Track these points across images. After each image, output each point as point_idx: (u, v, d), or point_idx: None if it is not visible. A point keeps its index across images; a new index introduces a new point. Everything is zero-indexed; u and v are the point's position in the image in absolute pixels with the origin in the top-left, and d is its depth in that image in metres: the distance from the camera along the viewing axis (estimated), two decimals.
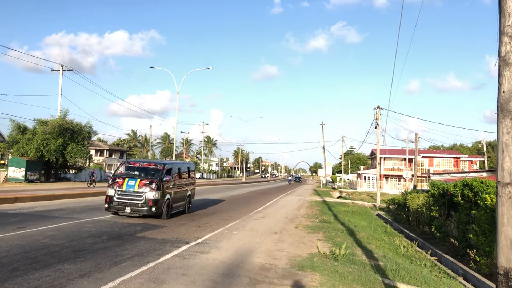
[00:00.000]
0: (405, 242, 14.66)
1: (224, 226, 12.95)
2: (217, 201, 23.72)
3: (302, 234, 12.34)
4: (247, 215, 16.82)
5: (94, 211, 14.94)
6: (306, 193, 41.16)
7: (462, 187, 12.83)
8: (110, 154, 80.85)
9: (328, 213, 21.12)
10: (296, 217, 17.58)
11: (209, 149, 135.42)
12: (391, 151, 64.92)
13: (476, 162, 69.50)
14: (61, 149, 39.42)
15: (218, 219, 14.85)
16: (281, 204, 24.87)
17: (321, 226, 14.79)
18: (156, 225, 12.22)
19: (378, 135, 30.26)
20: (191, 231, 11.49)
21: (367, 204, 32.12)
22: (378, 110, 30.01)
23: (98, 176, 56.38)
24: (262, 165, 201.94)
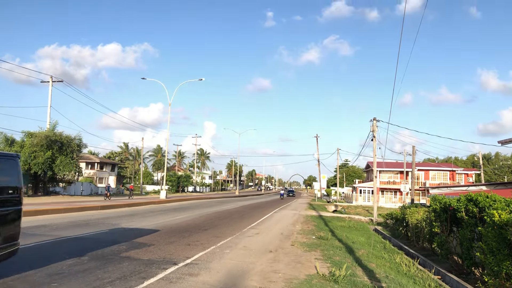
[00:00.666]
0: (406, 259, 13.97)
1: (215, 244, 12.20)
2: (209, 216, 22.91)
3: (298, 253, 11.62)
4: (241, 231, 16.07)
5: (79, 228, 14.13)
6: (301, 207, 40.41)
7: (466, 201, 12.21)
8: (101, 167, 79.72)
9: (324, 228, 20.41)
10: (291, 233, 16.85)
11: (202, 162, 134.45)
12: (387, 164, 64.50)
13: (471, 175, 69.26)
14: (49, 162, 38.48)
15: (210, 236, 14.10)
16: (275, 219, 24.12)
17: (318, 243, 14.08)
18: (143, 243, 11.45)
19: (374, 148, 29.71)
20: (180, 250, 10.73)
21: (363, 219, 31.42)
22: (375, 122, 29.50)
23: (88, 190, 55.51)
24: (255, 178, 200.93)
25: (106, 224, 15.83)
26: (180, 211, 25.12)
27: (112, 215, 19.80)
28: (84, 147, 45.07)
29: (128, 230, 14.09)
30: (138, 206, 27.80)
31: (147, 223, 17.12)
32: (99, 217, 18.39)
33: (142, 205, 28.57)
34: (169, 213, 23.46)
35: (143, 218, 19.39)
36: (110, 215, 20.04)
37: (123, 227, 14.89)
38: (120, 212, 21.87)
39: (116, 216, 19.38)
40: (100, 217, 18.43)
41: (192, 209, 27.64)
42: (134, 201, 31.53)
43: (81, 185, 54.14)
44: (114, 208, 24.16)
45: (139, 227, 15.24)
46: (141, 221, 17.64)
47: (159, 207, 28.11)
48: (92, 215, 19.47)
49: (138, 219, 18.52)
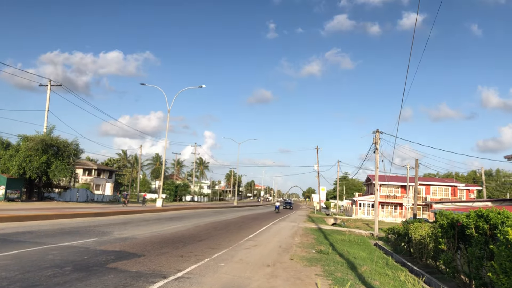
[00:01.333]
0: (411, 278, 13.26)
1: (210, 256, 11.49)
2: (205, 226, 22.18)
3: (298, 268, 10.92)
4: (237, 243, 15.36)
5: (67, 235, 13.43)
6: (300, 219, 39.63)
7: (476, 218, 11.54)
8: (99, 174, 78.92)
9: (324, 242, 19.68)
10: (290, 246, 16.13)
11: (201, 171, 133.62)
12: (387, 177, 63.72)
13: (473, 191, 68.49)
14: (45, 167, 37.79)
15: (205, 247, 13.39)
16: (274, 231, 23.39)
17: (318, 257, 13.38)
18: (133, 253, 10.75)
19: (377, 160, 29.05)
20: (171, 261, 10.03)
21: (364, 233, 30.66)
22: (377, 134, 28.91)
23: (84, 196, 54.71)
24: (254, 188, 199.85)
25: (97, 232, 15.13)
26: (175, 221, 24.39)
27: (104, 223, 19.08)
28: (81, 152, 44.42)
29: (119, 239, 13.39)
30: (132, 214, 27.07)
31: (140, 232, 16.41)
32: (91, 225, 17.68)
33: (137, 213, 27.83)
34: (164, 222, 22.73)
35: (136, 226, 18.67)
36: (102, 222, 19.33)
37: (114, 236, 14.18)
38: (113, 220, 21.15)
39: (108, 224, 18.67)
40: (92, 225, 17.72)
41: (189, 219, 26.90)
42: (128, 209, 30.79)
43: (77, 192, 53.37)
44: (107, 216, 23.44)
45: (131, 236, 14.53)
46: (134, 230, 16.93)
47: (155, 216, 27.36)
48: (84, 222, 18.76)
49: (131, 228, 17.80)
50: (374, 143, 29.10)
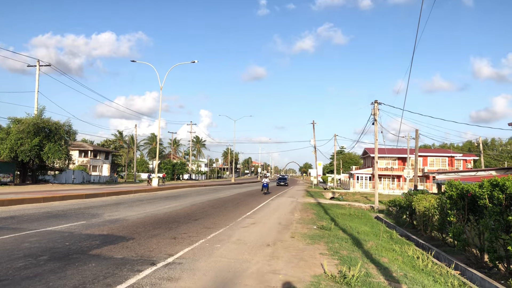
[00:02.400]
0: (418, 252, 12.57)
1: (205, 236, 10.70)
2: (202, 205, 21.43)
3: (300, 246, 10.15)
4: (235, 221, 14.60)
5: (53, 219, 12.59)
6: (298, 195, 39.03)
7: (490, 187, 10.74)
8: (95, 155, 77.87)
9: (325, 217, 18.99)
10: (290, 222, 15.39)
11: (198, 150, 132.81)
12: (384, 150, 63.11)
13: (470, 161, 68.11)
14: (37, 150, 36.76)
15: (200, 227, 12.60)
16: (272, 207, 22.69)
17: (320, 234, 12.63)
18: (121, 236, 9.94)
19: (376, 132, 28.19)
20: (163, 244, 9.23)
21: (364, 206, 30.08)
22: (376, 105, 27.97)
23: (80, 178, 53.94)
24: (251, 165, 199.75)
25: (86, 214, 14.30)
26: (171, 200, 23.63)
27: (96, 204, 18.27)
28: (74, 133, 43.27)
29: (109, 222, 12.57)
30: (126, 194, 26.27)
31: (133, 212, 15.61)
32: (81, 207, 16.86)
33: (131, 193, 27.03)
34: (159, 201, 21.96)
35: (129, 207, 17.87)
36: (94, 204, 18.52)
37: (104, 218, 13.36)
38: (106, 201, 20.34)
39: (100, 206, 17.85)
40: (82, 207, 16.90)
41: (185, 197, 26.16)
42: (122, 189, 29.97)
43: (73, 173, 52.58)
44: (100, 197, 22.62)
45: (122, 218, 13.72)
46: (126, 211, 16.13)
47: (150, 195, 26.59)
48: (74, 204, 17.93)
49: (124, 209, 17.00)
50: (373, 115, 28.19)
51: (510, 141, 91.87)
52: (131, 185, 44.60)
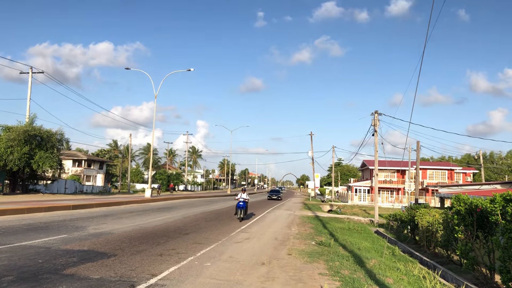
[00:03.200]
0: (425, 271, 11.74)
1: (195, 253, 9.85)
2: (195, 217, 20.55)
3: (298, 265, 9.32)
4: (228, 236, 13.74)
5: (32, 232, 11.71)
6: (295, 207, 38.14)
7: (503, 202, 9.96)
8: (89, 165, 76.78)
9: (324, 231, 18.14)
10: (287, 238, 14.55)
11: (194, 161, 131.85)
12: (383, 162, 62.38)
13: (470, 175, 67.47)
14: (27, 158, 35.81)
15: (190, 242, 11.74)
16: (269, 220, 21.82)
17: (320, 251, 11.79)
18: (102, 253, 9.08)
19: (376, 143, 27.46)
20: (147, 262, 8.38)
21: (363, 220, 29.23)
22: (376, 115, 27.28)
23: (72, 188, 52.87)
24: (248, 177, 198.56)
25: (70, 227, 13.42)
26: (163, 211, 22.73)
27: (83, 216, 17.36)
28: (66, 142, 42.44)
29: (92, 235, 11.70)
30: (116, 205, 25.33)
31: (120, 225, 14.73)
32: (66, 219, 15.96)
33: (122, 205, 26.09)
34: (150, 213, 21.07)
35: (117, 219, 16.98)
36: (81, 216, 17.61)
37: (88, 231, 12.48)
38: (94, 213, 19.42)
39: (87, 217, 16.95)
40: (68, 218, 16.00)
41: (178, 209, 25.25)
42: (113, 200, 29.05)
43: (65, 183, 51.49)
44: (88, 208, 21.69)
45: (107, 231, 12.85)
46: (114, 223, 15.24)
47: (141, 207, 25.66)
48: (60, 216, 17.02)
49: (112, 221, 16.11)
50: (373, 125, 27.49)
51: (509, 154, 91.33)
52: (124, 196, 43.60)
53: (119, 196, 40.52)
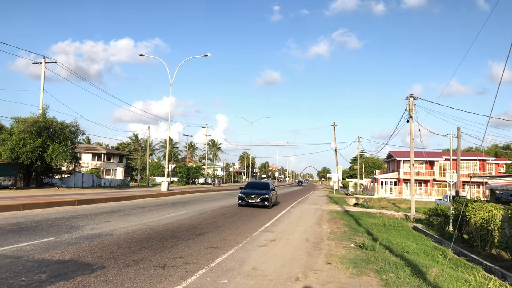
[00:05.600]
0: (498, 283, 9.32)
1: (208, 263, 7.65)
2: (212, 213, 18.40)
3: (343, 280, 7.03)
4: (250, 237, 11.52)
5: (13, 234, 9.70)
6: (320, 201, 35.71)
7: None
8: (109, 158, 75.80)
9: (359, 229, 15.77)
10: (320, 238, 12.24)
11: (214, 154, 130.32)
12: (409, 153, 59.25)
13: (503, 166, 63.72)
14: (40, 151, 34.35)
15: (204, 246, 9.56)
16: (294, 216, 19.53)
17: (364, 257, 9.46)
18: (88, 264, 6.97)
19: (411, 130, 24.78)
20: (142, 279, 6.21)
21: (396, 214, 26.64)
22: (412, 100, 24.58)
23: (89, 182, 51.62)
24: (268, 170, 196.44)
25: (63, 227, 11.40)
26: (178, 206, 20.68)
27: (85, 213, 15.39)
28: (81, 134, 40.82)
29: (85, 238, 9.63)
30: (129, 200, 23.42)
31: (125, 224, 12.67)
32: (65, 216, 13.99)
33: (134, 199, 24.16)
34: (164, 208, 19.03)
35: (124, 216, 14.95)
36: (84, 212, 15.64)
37: (82, 233, 10.42)
38: (100, 208, 17.46)
39: (89, 214, 14.96)
40: (66, 216, 14.03)
41: (194, 204, 23.19)
42: (125, 194, 27.21)
43: (82, 177, 50.24)
44: (96, 203, 19.78)
45: (106, 232, 10.77)
46: (118, 221, 13.20)
47: (155, 201, 23.68)
48: (59, 212, 15.09)
49: (117, 218, 14.08)
50: (408, 110, 24.80)
51: None
52: (141, 189, 41.94)
53: (134, 190, 38.82)
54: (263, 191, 22.20)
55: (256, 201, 21.44)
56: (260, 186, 23.98)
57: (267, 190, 22.52)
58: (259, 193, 21.81)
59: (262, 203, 21.43)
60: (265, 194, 21.76)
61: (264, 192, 22.09)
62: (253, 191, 22.16)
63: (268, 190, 22.69)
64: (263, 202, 21.47)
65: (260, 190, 22.47)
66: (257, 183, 25.10)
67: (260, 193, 21.85)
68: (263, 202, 21.47)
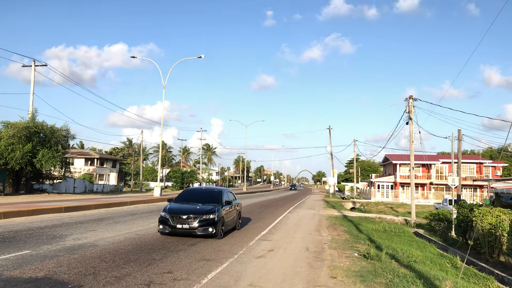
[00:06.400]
0: None
1: (199, 279, 6.83)
2: None
3: None
4: (246, 246, 10.73)
5: None
6: (317, 205, 34.95)
7: None
8: (102, 163, 74.78)
9: (360, 236, 15.03)
10: (321, 247, 11.46)
11: (209, 158, 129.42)
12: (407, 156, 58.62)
13: (499, 168, 63.31)
14: (29, 156, 33.36)
15: (196, 257, 8.75)
16: (292, 222, 18.75)
17: (370, 268, 8.69)
18: (63, 283, 6.14)
19: (411, 132, 24.11)
20: None
21: (396, 219, 25.94)
22: (411, 101, 23.94)
23: (81, 187, 50.58)
24: (264, 174, 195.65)
25: (44, 237, 10.54)
26: None
27: (71, 221, 14.52)
28: (72, 138, 39.85)
29: (66, 250, 8.79)
30: (120, 206, 22.53)
31: (112, 233, 11.82)
32: (48, 225, 13.12)
33: (125, 205, 23.27)
34: (155, 215, 18.13)
35: (113, 224, 14.10)
36: (69, 220, 14.77)
37: (63, 244, 9.58)
38: (88, 216, 16.58)
39: (75, 222, 14.10)
40: (50, 225, 13.16)
41: None
42: (116, 200, 26.29)
43: (74, 182, 49.19)
44: (85, 210, 18.89)
45: (91, 242, 9.94)
46: (105, 230, 12.36)
47: (147, 207, 22.81)
48: (43, 220, 14.22)
49: (104, 227, 13.23)
50: (408, 112, 24.15)
51: None
52: (134, 195, 40.97)
53: (126, 195, 37.88)
54: (207, 208, 12.07)
55: (192, 225, 11.42)
56: (205, 196, 13.37)
57: (215, 205, 12.32)
58: (199, 212, 11.77)
59: (202, 230, 11.45)
60: (209, 212, 11.75)
61: (209, 209, 11.93)
62: (186, 208, 12.11)
63: (218, 204, 12.52)
64: (205, 227, 11.48)
65: (203, 206, 12.34)
66: (200, 191, 14.51)
67: (201, 210, 11.86)
68: (205, 227, 11.48)
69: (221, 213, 12.12)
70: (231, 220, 13.42)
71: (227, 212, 12.89)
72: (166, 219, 11.57)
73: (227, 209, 12.87)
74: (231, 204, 13.63)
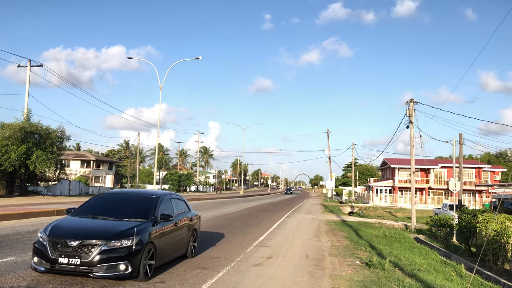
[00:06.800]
0: None
1: None
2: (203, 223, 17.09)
3: None
4: (244, 253, 10.29)
5: None
6: (316, 210, 34.52)
7: None
8: (98, 166, 74.21)
9: (361, 242, 14.61)
10: (321, 254, 11.03)
11: (206, 161, 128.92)
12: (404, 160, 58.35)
13: (498, 173, 63.06)
14: (24, 158, 32.81)
15: (190, 265, 8.30)
16: (290, 227, 18.31)
17: (374, 278, 8.27)
18: None
19: (412, 136, 23.76)
20: None
21: (396, 225, 25.54)
22: (412, 104, 23.58)
23: (77, 190, 50.04)
24: (261, 177, 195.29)
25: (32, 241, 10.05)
26: None
27: None
28: (67, 139, 39.34)
29: None
30: None
31: None
32: (37, 228, 12.54)
33: None
34: None
35: None
36: None
37: None
38: None
39: None
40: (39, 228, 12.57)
41: None
42: None
43: (69, 184, 48.64)
44: None
45: None
46: None
47: None
48: (33, 224, 13.74)
49: None
50: (408, 116, 23.80)
51: None
52: None
53: None
54: (122, 227, 6.78)
55: (86, 259, 6.17)
56: (128, 206, 7.89)
57: (141, 222, 7.09)
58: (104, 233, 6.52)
59: (106, 268, 6.19)
60: (122, 235, 6.48)
61: (124, 229, 6.64)
62: (84, 227, 7.00)
63: (147, 220, 7.24)
64: (111, 263, 6.22)
65: (118, 222, 7.09)
66: (122, 197, 8.62)
67: (107, 231, 6.58)
68: (111, 263, 6.22)
69: (149, 236, 6.84)
70: (174, 245, 8.14)
71: (166, 232, 7.66)
72: (43, 247, 6.56)
73: (165, 228, 7.63)
74: (176, 220, 8.25)
